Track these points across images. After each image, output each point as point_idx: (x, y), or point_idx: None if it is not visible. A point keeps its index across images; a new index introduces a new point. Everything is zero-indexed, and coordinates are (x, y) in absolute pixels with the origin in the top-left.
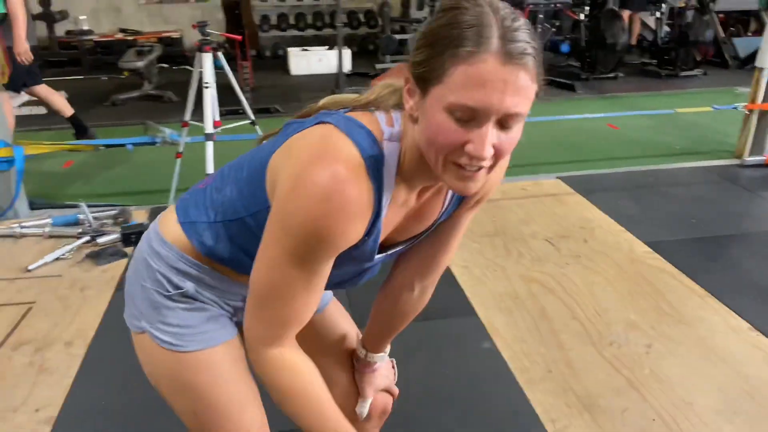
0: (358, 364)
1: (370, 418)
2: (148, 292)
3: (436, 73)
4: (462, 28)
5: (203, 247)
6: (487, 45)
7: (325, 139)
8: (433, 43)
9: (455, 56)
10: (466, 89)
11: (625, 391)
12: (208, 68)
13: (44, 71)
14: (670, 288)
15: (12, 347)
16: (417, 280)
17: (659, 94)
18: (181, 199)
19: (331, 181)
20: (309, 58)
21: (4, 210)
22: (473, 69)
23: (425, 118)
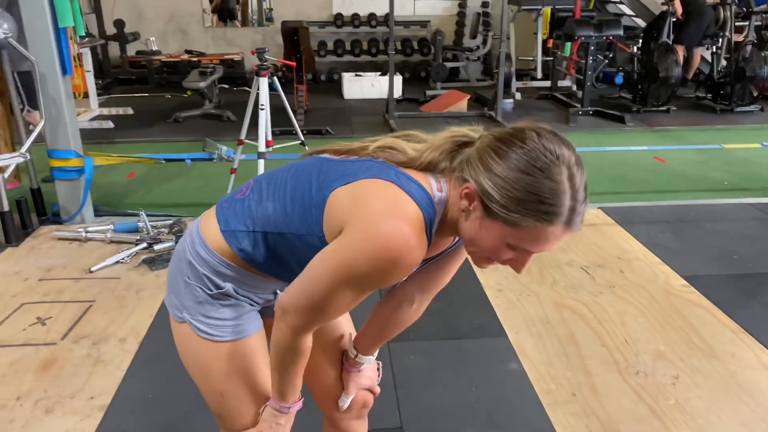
0: (346, 362)
1: (350, 410)
2: (191, 288)
3: (510, 222)
4: (543, 201)
5: (242, 252)
6: (558, 219)
7: (394, 199)
8: (516, 199)
9: (534, 225)
10: (530, 241)
11: (648, 420)
12: (264, 91)
13: (114, 88)
14: (703, 322)
15: (73, 340)
16: (417, 295)
17: (712, 129)
18: (220, 207)
19: (401, 242)
20: (362, 83)
21: (72, 215)
22: (541, 233)
23: (481, 230)
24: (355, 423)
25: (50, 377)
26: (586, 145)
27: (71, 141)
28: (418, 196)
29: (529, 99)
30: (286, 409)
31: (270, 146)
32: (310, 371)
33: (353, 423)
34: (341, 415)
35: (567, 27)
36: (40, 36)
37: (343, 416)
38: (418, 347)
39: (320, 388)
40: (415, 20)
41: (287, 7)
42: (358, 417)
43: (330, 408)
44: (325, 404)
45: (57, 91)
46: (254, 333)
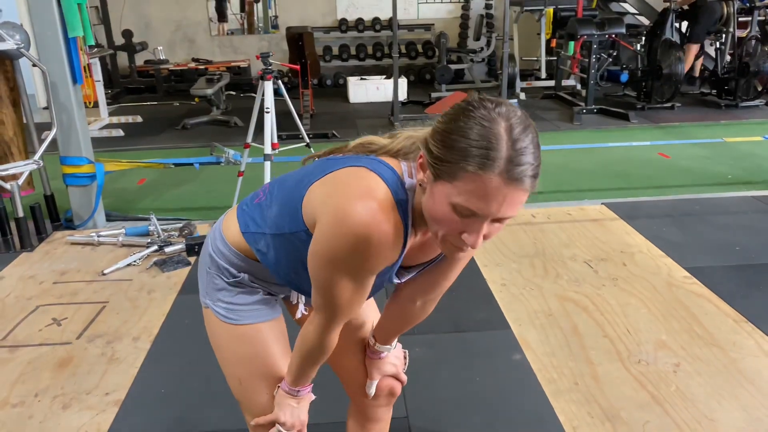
0: (368, 350)
1: (378, 398)
2: (212, 277)
3: (447, 174)
4: (474, 145)
5: (259, 253)
6: (494, 167)
7: (362, 179)
8: (449, 147)
9: (465, 170)
10: (470, 196)
11: (649, 406)
12: (269, 95)
13: (123, 97)
14: (704, 311)
15: (88, 339)
16: (419, 297)
17: (716, 125)
18: (241, 210)
19: (370, 220)
20: (367, 86)
21: (85, 220)
22: (479, 184)
23: (432, 199)
24: (382, 410)
25: (66, 375)
26: (591, 142)
27: (83, 148)
28: (387, 177)
29: (534, 99)
30: (295, 392)
31: (276, 149)
32: (336, 356)
33: (379, 410)
34: (369, 402)
35: (570, 26)
36: (50, 46)
37: (370, 403)
38: (423, 340)
39: (346, 373)
40: (419, 23)
41: (292, 14)
42: (385, 404)
43: (356, 393)
44: (351, 389)
45: (68, 100)
46: (270, 319)
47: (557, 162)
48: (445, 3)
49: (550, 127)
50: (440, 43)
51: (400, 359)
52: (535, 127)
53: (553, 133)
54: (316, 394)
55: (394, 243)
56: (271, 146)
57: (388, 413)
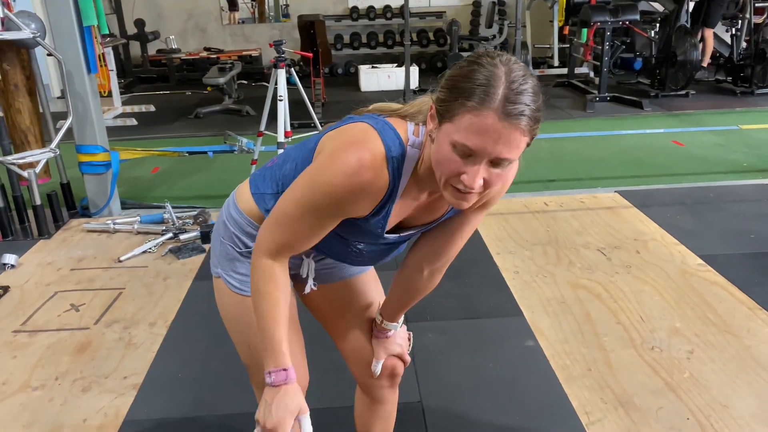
0: (375, 329)
1: (381, 378)
2: (224, 247)
3: (449, 114)
4: (474, 84)
5: (267, 212)
6: (490, 103)
7: (362, 133)
8: (451, 88)
9: (464, 106)
10: (468, 133)
11: (662, 392)
12: (282, 82)
13: (136, 86)
14: (719, 299)
15: (105, 325)
16: (426, 265)
17: (732, 112)
18: (253, 174)
19: (356, 163)
20: (378, 75)
21: (101, 208)
22: (476, 119)
23: (436, 144)
24: (386, 391)
25: (85, 359)
26: (604, 129)
27: (98, 136)
28: (387, 137)
29: (546, 86)
30: (269, 377)
31: (289, 137)
32: (343, 337)
33: (384, 391)
34: (373, 383)
35: (583, 13)
36: (66, 35)
37: (374, 383)
38: (436, 326)
39: (352, 353)
40: (430, 11)
41: (303, 3)
42: (389, 385)
43: (362, 374)
44: (356, 370)
45: (83, 89)
46: None
47: (570, 150)
48: None
49: (562, 115)
50: (452, 30)
51: (405, 341)
52: (536, 78)
53: (566, 121)
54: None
55: (370, 195)
56: (284, 134)
57: (394, 394)
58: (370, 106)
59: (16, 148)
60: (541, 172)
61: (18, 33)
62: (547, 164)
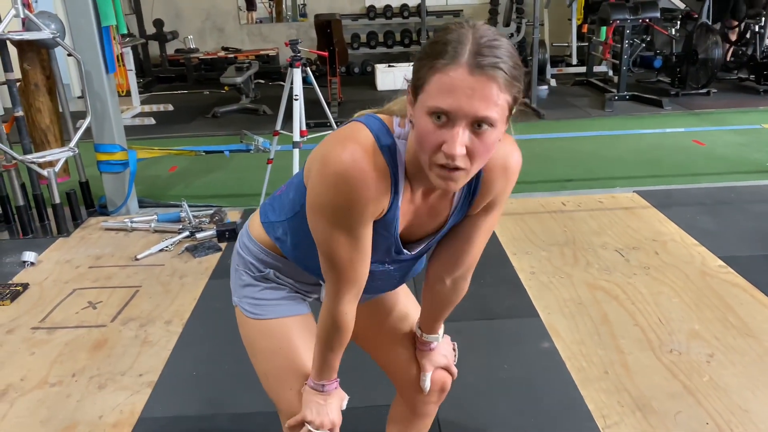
0: (417, 342)
1: (429, 393)
2: (239, 274)
3: (421, 82)
4: (442, 44)
5: (278, 241)
6: (459, 58)
7: (346, 129)
8: (421, 57)
9: (433, 67)
10: (440, 94)
11: (681, 396)
12: (298, 82)
13: (154, 86)
14: (739, 301)
15: (122, 322)
16: (446, 275)
17: (754, 111)
18: (263, 204)
19: (349, 159)
20: (395, 73)
21: (118, 206)
22: (445, 77)
23: (415, 122)
24: (432, 407)
25: (102, 356)
26: (622, 128)
27: (116, 135)
28: (370, 123)
29: (565, 85)
30: (320, 387)
31: (304, 136)
32: (383, 352)
33: (430, 407)
34: (420, 398)
35: (602, 11)
36: (85, 35)
37: (421, 399)
38: (451, 327)
39: (395, 368)
40: (447, 10)
41: (320, 2)
42: (436, 401)
43: (407, 389)
44: (401, 385)
45: (102, 88)
46: (296, 315)
47: (588, 149)
48: None
49: (581, 114)
50: None
51: (450, 351)
52: (510, 42)
53: (585, 120)
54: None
55: (376, 182)
56: (299, 133)
57: (436, 409)
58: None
59: (36, 147)
60: (559, 172)
61: (38, 33)
62: (565, 163)
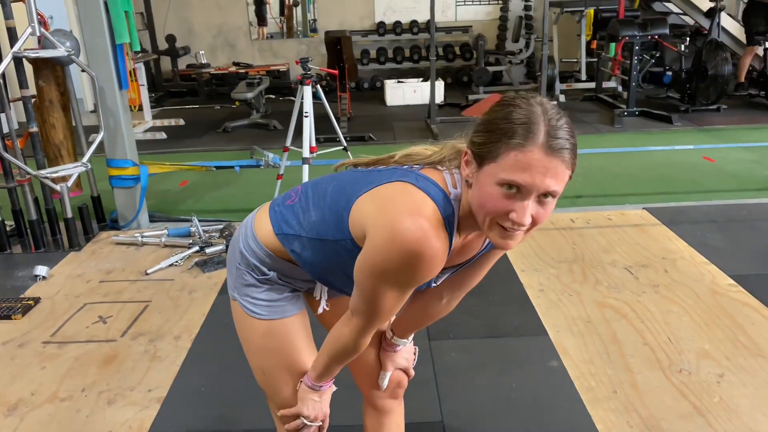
0: (384, 343)
1: (387, 389)
2: (241, 273)
3: (492, 155)
4: (515, 123)
5: (293, 253)
6: (534, 139)
7: (411, 197)
8: (491, 131)
9: (509, 144)
10: (515, 170)
11: (691, 417)
12: (308, 99)
13: (166, 101)
14: (751, 321)
15: (131, 337)
16: (446, 294)
17: (765, 127)
18: (273, 211)
19: (421, 237)
20: (404, 89)
21: (129, 221)
22: (522, 156)
23: (478, 187)
24: (391, 402)
25: (111, 371)
26: (632, 145)
27: (128, 151)
28: (434, 194)
29: (574, 101)
30: (318, 387)
31: (314, 152)
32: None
33: (389, 402)
34: (378, 394)
35: (611, 27)
36: (99, 52)
37: (380, 395)
38: (459, 345)
39: (360, 368)
40: (457, 26)
41: (331, 18)
42: (393, 396)
43: (368, 386)
44: (363, 382)
45: (115, 104)
46: (294, 314)
47: (597, 165)
48: (484, 5)
49: (590, 130)
50: (478, 45)
51: (410, 354)
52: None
53: (594, 136)
54: (342, 396)
55: (442, 258)
56: (309, 150)
57: (400, 405)
58: (397, 155)
59: (49, 162)
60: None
61: (54, 51)
62: (574, 180)
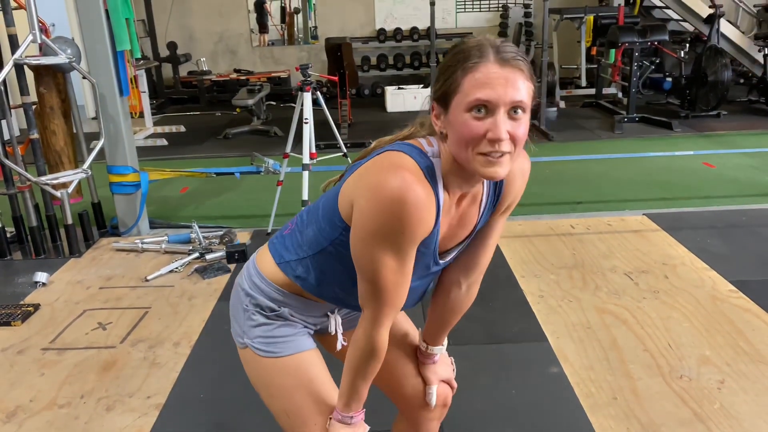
0: (421, 356)
1: (435, 408)
2: (249, 314)
3: (453, 87)
4: (465, 51)
5: (298, 279)
6: (486, 56)
7: (388, 158)
8: (446, 69)
9: (465, 69)
10: (477, 89)
11: (691, 423)
12: (308, 106)
13: (167, 107)
14: (751, 327)
15: (131, 344)
16: (463, 278)
17: (765, 133)
18: (272, 244)
19: (402, 184)
20: (404, 95)
21: (130, 227)
22: (479, 74)
23: (452, 127)
24: (436, 423)
25: (111, 378)
26: (632, 151)
27: (128, 157)
28: (407, 150)
29: (574, 107)
30: (349, 419)
31: (314, 159)
32: (387, 374)
33: (434, 423)
34: (423, 415)
35: (611, 34)
36: (100, 59)
37: (425, 416)
38: (458, 351)
39: (396, 386)
40: (457, 32)
41: (331, 25)
42: (439, 417)
43: (413, 408)
44: (403, 403)
45: (115, 111)
46: (311, 348)
47: (597, 171)
48: (484, 11)
49: (590, 136)
50: None
51: (449, 365)
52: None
53: (594, 142)
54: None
55: (427, 205)
56: (309, 156)
57: (438, 426)
58: (370, 146)
59: (50, 168)
60: (568, 194)
61: (55, 58)
62: (574, 186)
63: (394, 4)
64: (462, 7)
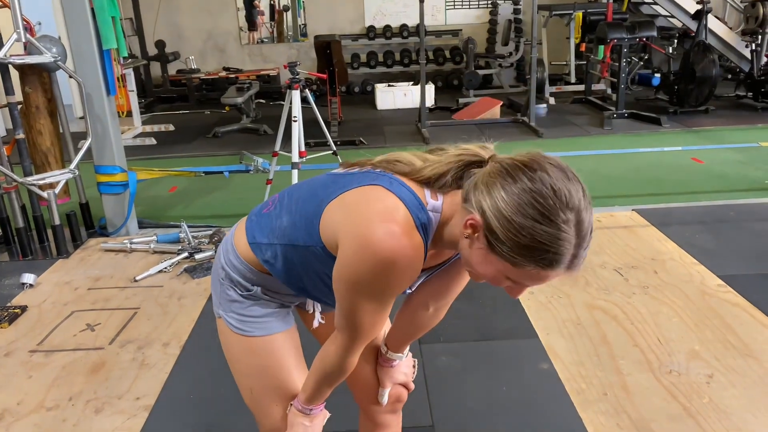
0: (380, 359)
1: (387, 405)
2: (224, 289)
3: (513, 260)
4: (542, 249)
5: (266, 263)
6: (558, 266)
7: (378, 201)
8: (515, 241)
9: (536, 261)
10: (528, 280)
11: (681, 418)
12: (296, 104)
13: (156, 106)
14: (740, 321)
15: (120, 345)
16: (432, 303)
17: (752, 128)
18: (249, 221)
19: (391, 243)
20: (395, 93)
21: (118, 228)
22: (543, 273)
23: (485, 261)
24: (390, 416)
25: (99, 379)
26: (621, 147)
27: (116, 157)
28: (407, 199)
29: (563, 103)
30: (308, 411)
31: (303, 157)
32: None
33: (387, 416)
34: (377, 409)
35: (599, 30)
36: (86, 58)
37: (378, 410)
38: (449, 348)
39: (357, 383)
40: (446, 29)
41: (321, 22)
42: (392, 411)
43: (366, 402)
44: (361, 398)
45: (102, 111)
46: (283, 330)
47: (587, 168)
48: (473, 8)
49: (579, 132)
50: (468, 48)
51: (410, 368)
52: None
53: (583, 138)
54: (335, 402)
55: (415, 261)
56: (298, 154)
57: (397, 419)
58: (378, 158)
59: (36, 168)
60: None
61: (40, 57)
62: None
63: (383, 2)
64: (451, 4)
